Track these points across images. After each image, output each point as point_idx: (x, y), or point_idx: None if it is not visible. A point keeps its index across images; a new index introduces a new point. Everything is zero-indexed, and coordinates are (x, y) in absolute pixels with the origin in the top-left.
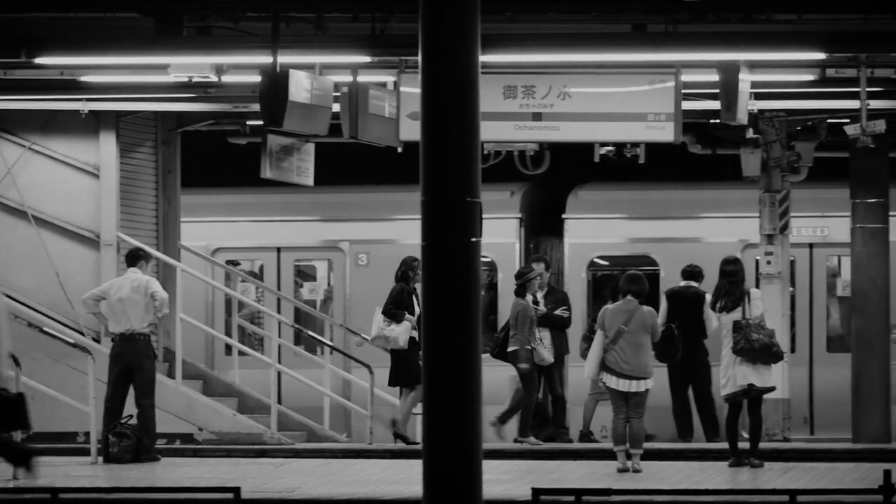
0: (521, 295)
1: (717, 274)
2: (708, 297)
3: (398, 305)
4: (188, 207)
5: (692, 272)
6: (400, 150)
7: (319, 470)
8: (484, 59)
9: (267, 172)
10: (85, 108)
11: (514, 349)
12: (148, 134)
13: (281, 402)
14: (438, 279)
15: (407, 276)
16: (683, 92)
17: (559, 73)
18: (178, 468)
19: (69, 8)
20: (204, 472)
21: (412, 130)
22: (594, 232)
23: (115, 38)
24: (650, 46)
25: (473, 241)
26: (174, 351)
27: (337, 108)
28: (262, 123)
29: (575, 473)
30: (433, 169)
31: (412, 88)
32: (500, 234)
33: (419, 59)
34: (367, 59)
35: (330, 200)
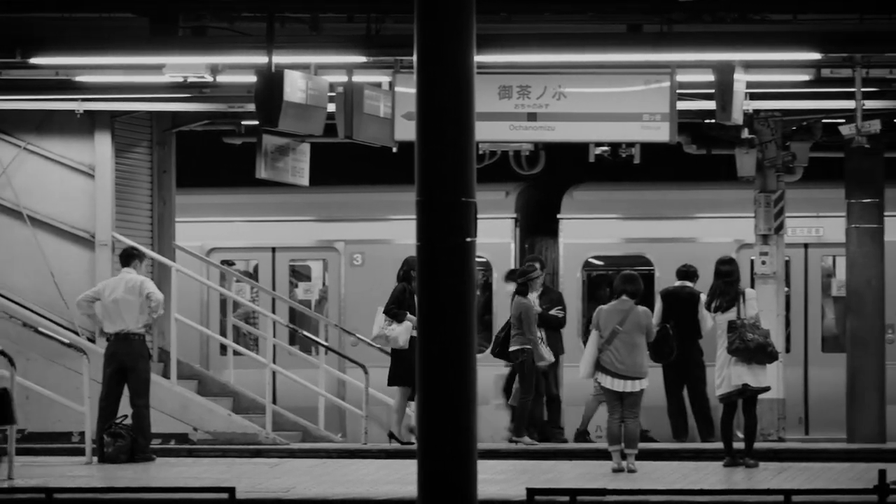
0: (522, 294)
1: (712, 274)
2: (703, 297)
3: (400, 305)
4: (183, 207)
5: (687, 272)
6: (395, 150)
7: (314, 470)
8: (479, 59)
9: (262, 172)
10: (80, 108)
11: (515, 348)
12: (143, 134)
13: (276, 402)
14: (433, 279)
15: (409, 275)
16: (679, 92)
17: (554, 73)
18: (172, 468)
19: (64, 8)
20: (199, 472)
21: (407, 130)
22: (589, 232)
23: (110, 38)
24: (645, 46)
25: (468, 241)
26: (169, 351)
27: (332, 108)
28: (257, 123)
29: (570, 473)
30: (428, 169)
31: (407, 88)
32: (495, 234)
33: (414, 59)
34: (362, 59)
35: (325, 200)
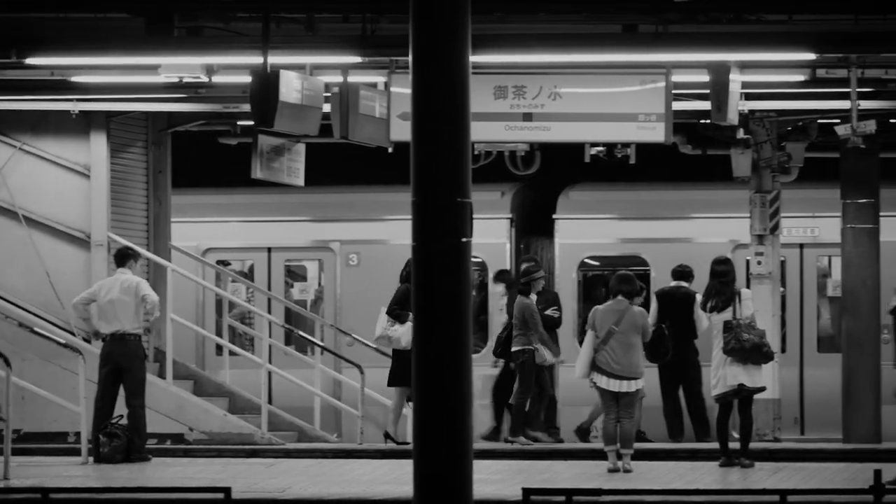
0: (525, 294)
1: (707, 274)
2: (698, 297)
3: (402, 306)
4: (179, 207)
5: (682, 272)
6: (390, 150)
7: (310, 470)
8: (474, 59)
9: (257, 173)
10: (75, 108)
11: (517, 349)
12: (138, 134)
13: (271, 402)
14: (429, 279)
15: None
16: (674, 92)
17: (550, 73)
18: (168, 468)
19: (60, 8)
20: (194, 472)
21: (403, 131)
22: (585, 232)
23: (105, 38)
24: (641, 47)
25: (464, 241)
26: (165, 351)
27: (328, 108)
28: (252, 124)
29: (565, 473)
30: (424, 169)
31: (403, 89)
32: (490, 234)
33: (410, 59)
34: (357, 59)
35: (320, 201)
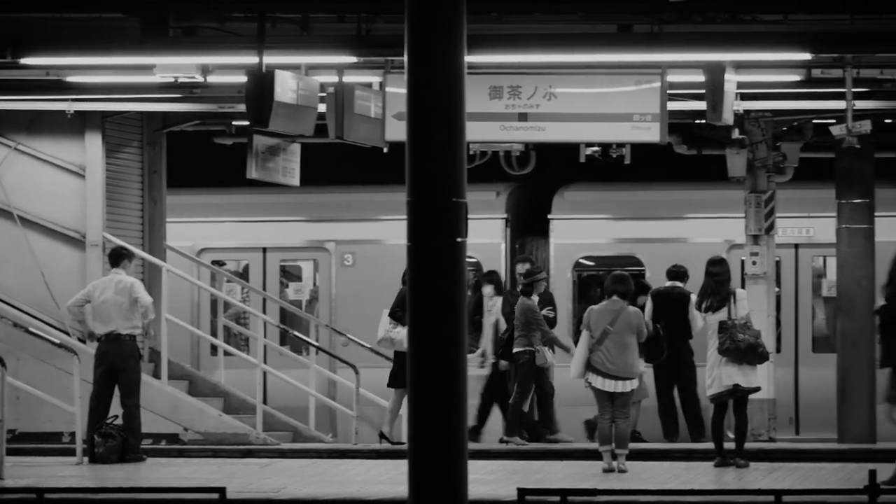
0: (527, 295)
1: (702, 274)
2: (693, 297)
3: (404, 308)
4: (174, 208)
5: (677, 272)
6: (386, 150)
7: (305, 470)
8: (470, 59)
9: (253, 173)
10: (71, 108)
11: (518, 350)
12: (134, 134)
13: (266, 402)
14: (424, 279)
15: None
16: (669, 92)
17: (545, 73)
18: (163, 468)
19: (55, 8)
20: (189, 472)
21: (398, 131)
22: (580, 232)
23: (100, 38)
24: (636, 47)
25: (459, 241)
26: (160, 351)
27: (323, 108)
28: (247, 124)
29: (560, 473)
30: (419, 169)
31: (398, 89)
32: (485, 234)
33: (405, 59)
34: (352, 59)
35: (316, 201)
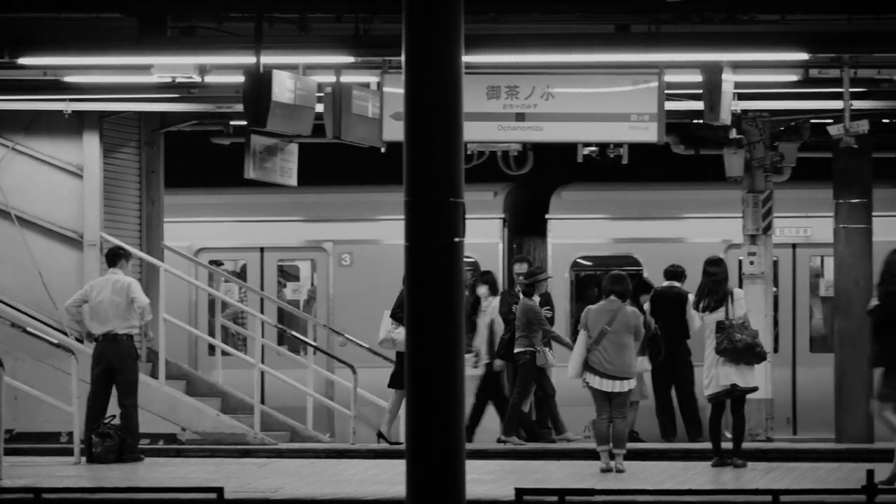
0: (528, 295)
1: (700, 274)
2: (691, 297)
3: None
4: (171, 208)
5: (675, 272)
6: (383, 150)
7: (302, 470)
8: (467, 59)
9: (250, 173)
10: (68, 108)
11: (519, 350)
12: (131, 134)
13: (264, 402)
14: (421, 279)
15: None
16: (667, 92)
17: (542, 73)
18: (161, 468)
19: (53, 8)
20: (187, 472)
21: (395, 131)
22: (577, 232)
23: (98, 38)
24: (633, 47)
25: (456, 241)
26: (157, 351)
27: (320, 108)
28: (245, 124)
29: (558, 473)
30: (416, 169)
31: (395, 89)
32: (483, 234)
33: (402, 59)
34: (350, 59)
35: (313, 201)
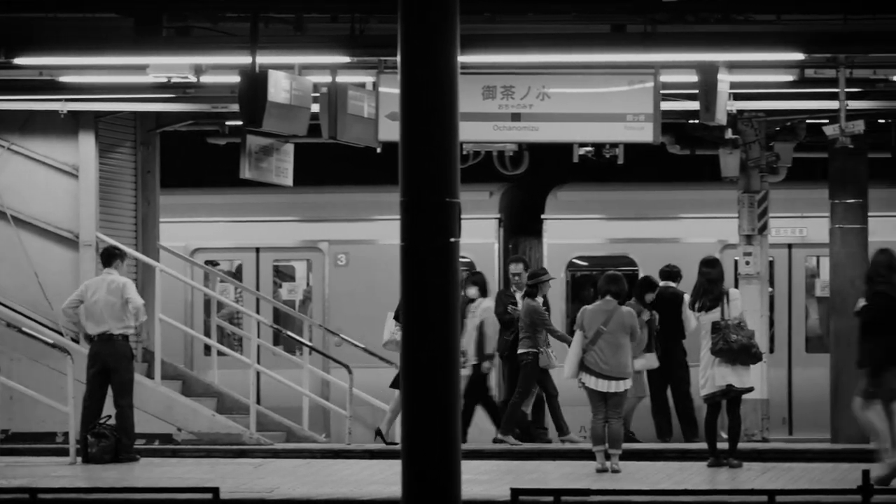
0: (532, 296)
1: (695, 275)
2: (686, 297)
3: None
4: (167, 208)
5: (670, 272)
6: (379, 150)
7: (298, 470)
8: (463, 59)
9: (246, 173)
10: (64, 108)
11: (522, 351)
12: (127, 134)
13: (260, 402)
14: (417, 280)
15: None
16: (662, 92)
17: (538, 73)
18: (157, 468)
19: (49, 8)
20: (183, 472)
21: (391, 131)
22: (573, 232)
23: (94, 38)
24: (629, 47)
25: (452, 241)
26: (153, 351)
27: (316, 108)
28: (241, 124)
29: (554, 474)
30: (412, 169)
31: (391, 89)
32: (478, 234)
33: (398, 59)
34: (346, 59)
35: (309, 201)
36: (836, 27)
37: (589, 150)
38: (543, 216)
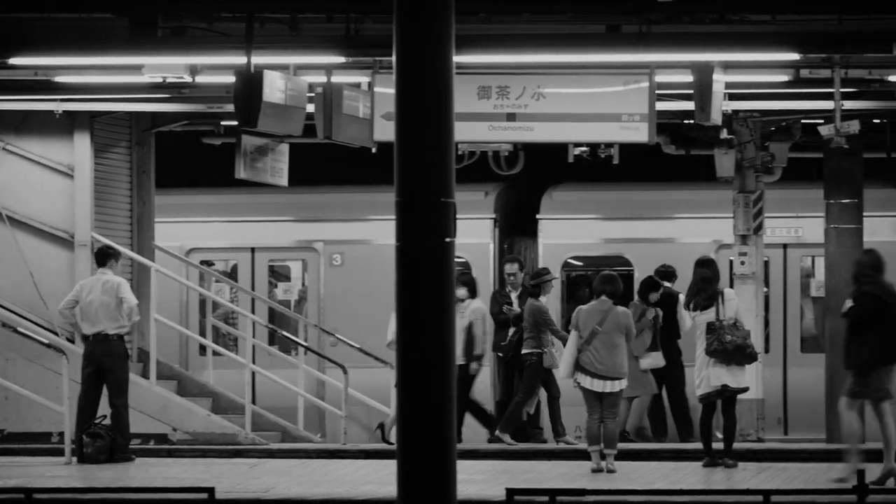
0: (535, 296)
1: (690, 275)
2: (682, 297)
3: None
4: (162, 208)
5: (665, 272)
6: (374, 150)
7: (294, 470)
8: (458, 59)
9: (241, 173)
10: (59, 108)
11: (526, 351)
12: (122, 134)
13: (255, 402)
14: (412, 279)
15: None
16: (657, 92)
17: (533, 73)
18: (152, 468)
19: (44, 8)
20: (178, 472)
21: (386, 131)
22: (568, 232)
23: (89, 38)
24: (624, 47)
25: (447, 241)
26: (148, 351)
27: (311, 108)
28: (236, 124)
29: (549, 474)
30: (407, 169)
31: (386, 89)
32: (474, 234)
33: (393, 59)
34: (341, 59)
35: (304, 201)
36: (831, 27)
37: (584, 150)
38: (539, 216)
